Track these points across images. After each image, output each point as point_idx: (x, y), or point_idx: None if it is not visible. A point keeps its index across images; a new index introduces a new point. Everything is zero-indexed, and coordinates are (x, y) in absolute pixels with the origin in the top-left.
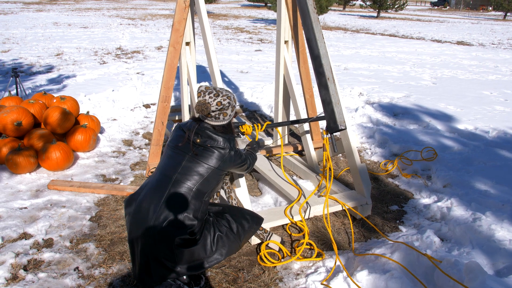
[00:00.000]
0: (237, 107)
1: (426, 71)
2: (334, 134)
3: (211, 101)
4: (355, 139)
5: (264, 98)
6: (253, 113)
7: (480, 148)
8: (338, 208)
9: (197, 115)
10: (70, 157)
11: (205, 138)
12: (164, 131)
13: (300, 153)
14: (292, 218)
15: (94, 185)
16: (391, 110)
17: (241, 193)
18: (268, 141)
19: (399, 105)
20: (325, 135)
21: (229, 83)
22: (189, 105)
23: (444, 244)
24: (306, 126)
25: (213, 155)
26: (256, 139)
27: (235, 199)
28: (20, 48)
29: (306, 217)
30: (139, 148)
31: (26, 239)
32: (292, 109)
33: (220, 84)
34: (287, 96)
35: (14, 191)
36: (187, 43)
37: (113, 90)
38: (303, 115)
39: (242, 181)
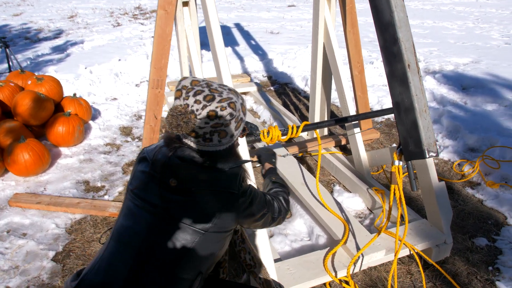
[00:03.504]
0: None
1: (494, 28)
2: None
3: (197, 109)
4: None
5: (297, 67)
6: (284, 87)
7: None
8: (404, 252)
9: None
10: (43, 159)
11: (185, 179)
12: (158, 127)
13: (346, 148)
14: (335, 273)
15: (68, 201)
16: (458, 81)
17: (261, 247)
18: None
19: (467, 75)
20: (396, 162)
21: (255, 47)
22: None
23: None
24: (351, 111)
25: (203, 208)
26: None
27: (249, 253)
28: (33, 11)
29: (357, 269)
30: (138, 139)
31: None
32: (333, 90)
33: (226, 73)
34: (328, 72)
35: None
36: (185, 3)
37: (119, 60)
38: (349, 100)
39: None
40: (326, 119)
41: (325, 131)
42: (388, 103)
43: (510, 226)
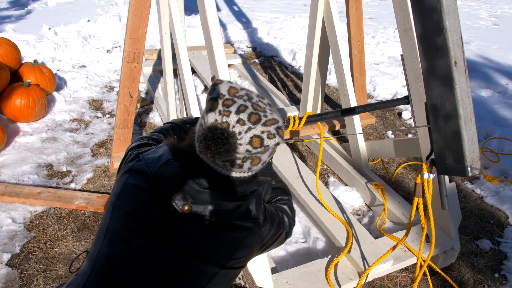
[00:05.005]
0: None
1: (481, 7)
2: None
3: (239, 132)
4: None
5: (284, 38)
6: (270, 60)
7: None
8: (411, 261)
9: (198, 149)
10: None
11: (203, 207)
12: (134, 106)
13: (339, 133)
14: (340, 287)
15: (27, 190)
16: None
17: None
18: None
19: None
20: (426, 174)
21: (239, 14)
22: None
23: None
24: (351, 95)
25: (223, 242)
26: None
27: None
28: None
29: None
30: (109, 115)
31: None
32: (331, 71)
33: (224, 66)
34: (325, 51)
35: None
36: None
37: (88, 21)
38: (349, 83)
39: None
40: (320, 101)
41: (319, 109)
42: (381, 84)
43: None
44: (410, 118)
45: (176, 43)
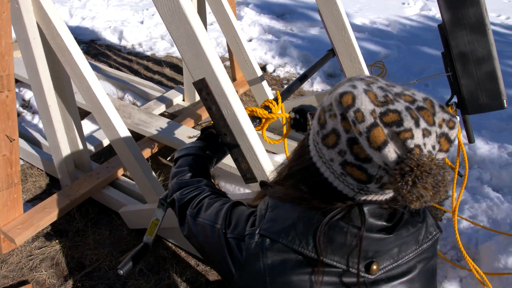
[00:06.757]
0: None
1: None
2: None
3: (434, 146)
4: None
5: (97, 17)
6: (94, 46)
7: (402, 48)
8: None
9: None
10: None
11: (388, 254)
12: (17, 153)
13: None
14: None
15: None
16: (270, 9)
17: None
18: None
19: (272, 2)
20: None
21: None
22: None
23: None
24: (254, 64)
25: (424, 283)
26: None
27: None
28: None
29: None
30: None
31: None
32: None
33: (217, 61)
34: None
35: None
36: None
37: None
38: (248, 50)
39: None
40: None
41: (196, 96)
42: None
43: None
44: (274, 71)
45: (62, 46)
